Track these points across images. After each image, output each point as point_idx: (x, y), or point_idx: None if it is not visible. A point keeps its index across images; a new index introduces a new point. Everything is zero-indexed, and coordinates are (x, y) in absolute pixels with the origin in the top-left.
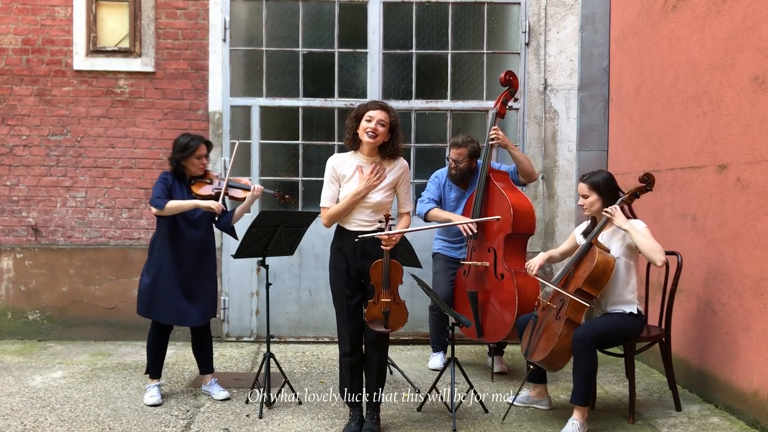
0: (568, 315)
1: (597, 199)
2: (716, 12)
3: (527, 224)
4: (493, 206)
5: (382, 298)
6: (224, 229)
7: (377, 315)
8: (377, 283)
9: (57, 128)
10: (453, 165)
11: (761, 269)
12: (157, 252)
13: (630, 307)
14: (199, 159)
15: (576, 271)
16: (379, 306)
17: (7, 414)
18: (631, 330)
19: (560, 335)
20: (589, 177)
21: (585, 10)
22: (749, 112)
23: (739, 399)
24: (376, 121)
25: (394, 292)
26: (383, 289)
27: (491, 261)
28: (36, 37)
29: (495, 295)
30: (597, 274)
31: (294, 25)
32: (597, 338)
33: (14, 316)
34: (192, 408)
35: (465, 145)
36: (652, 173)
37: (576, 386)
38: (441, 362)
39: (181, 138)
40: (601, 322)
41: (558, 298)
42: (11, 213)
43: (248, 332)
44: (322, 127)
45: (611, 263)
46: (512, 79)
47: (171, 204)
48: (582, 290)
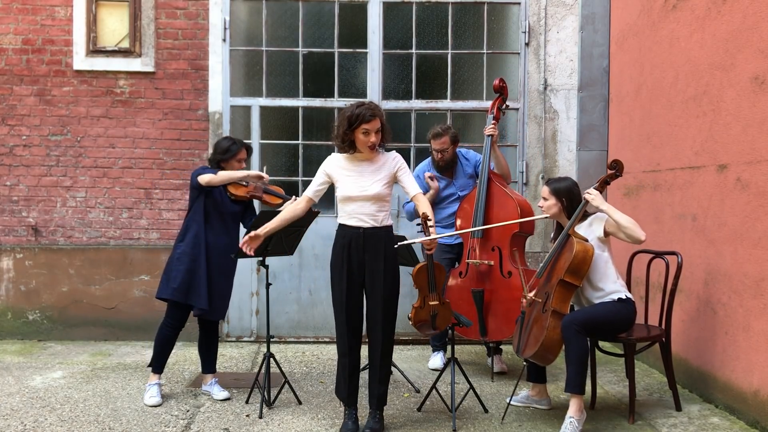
0: (554, 307)
1: (555, 203)
2: (716, 12)
3: (530, 224)
4: (498, 207)
5: (429, 301)
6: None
7: (425, 318)
8: (422, 288)
9: (57, 128)
10: (439, 156)
11: (761, 269)
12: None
13: (616, 294)
14: (239, 162)
15: (557, 263)
16: (427, 309)
17: (7, 414)
18: (621, 316)
19: (548, 327)
20: (553, 182)
21: (585, 10)
22: (749, 112)
23: (739, 399)
24: (374, 133)
25: (439, 293)
26: (430, 293)
27: (496, 259)
28: (36, 37)
29: (502, 293)
30: (577, 263)
31: (294, 25)
32: (585, 324)
33: (14, 316)
34: (192, 408)
35: (446, 132)
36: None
37: (569, 375)
38: (441, 362)
39: (223, 141)
40: (588, 308)
41: (542, 291)
42: (11, 213)
43: (248, 332)
44: (322, 127)
45: (590, 250)
46: (504, 86)
47: (223, 173)
48: (564, 281)
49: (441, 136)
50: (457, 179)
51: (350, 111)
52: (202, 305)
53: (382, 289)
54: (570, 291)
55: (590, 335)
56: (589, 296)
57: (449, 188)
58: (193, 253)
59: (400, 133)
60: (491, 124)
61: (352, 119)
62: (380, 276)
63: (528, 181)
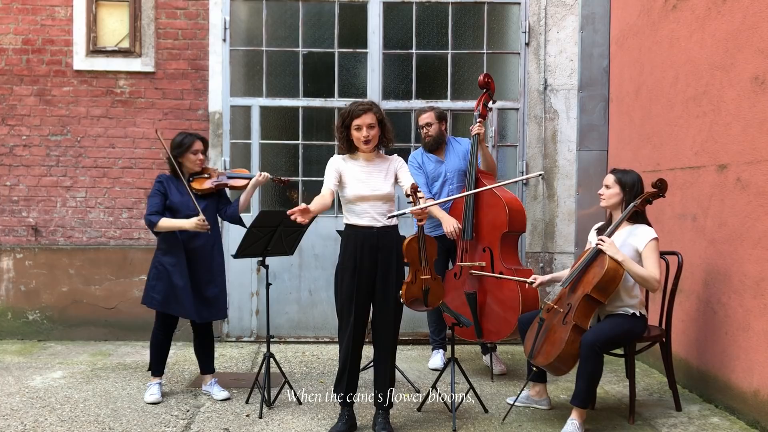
0: (575, 321)
1: (617, 193)
2: (716, 12)
3: (521, 222)
4: (486, 207)
5: (420, 275)
6: (231, 219)
7: (417, 293)
8: (413, 261)
9: (57, 128)
10: (425, 132)
11: (761, 269)
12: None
13: (633, 309)
14: (195, 154)
15: (585, 276)
16: (419, 284)
17: (7, 414)
18: (635, 332)
19: (567, 341)
20: (620, 172)
21: (585, 10)
22: (749, 112)
23: (739, 399)
24: (366, 127)
25: (431, 267)
26: (421, 266)
27: (488, 260)
28: (36, 37)
29: (496, 294)
30: (606, 281)
31: (294, 25)
32: (607, 343)
33: (14, 316)
34: (192, 408)
35: (431, 108)
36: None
37: (578, 389)
38: (441, 362)
39: (176, 137)
40: (609, 326)
41: (565, 301)
42: (11, 213)
43: (248, 332)
44: (322, 127)
45: (621, 271)
46: (490, 81)
47: (163, 223)
48: (590, 296)
49: (425, 111)
50: (448, 159)
51: (344, 109)
52: (186, 315)
53: (394, 287)
54: (594, 307)
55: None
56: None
57: (439, 167)
58: (172, 262)
59: (400, 133)
60: (477, 122)
61: (344, 116)
62: (393, 275)
63: (528, 181)
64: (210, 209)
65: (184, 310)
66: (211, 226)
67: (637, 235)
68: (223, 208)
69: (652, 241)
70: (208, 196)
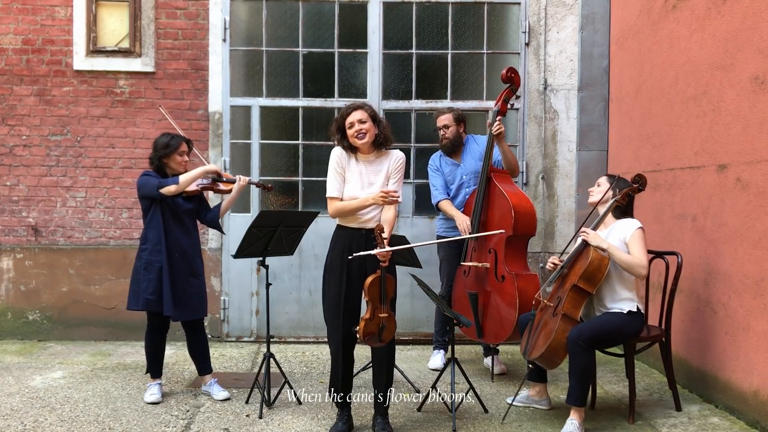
0: (564, 311)
1: (605, 190)
2: (716, 12)
3: (528, 226)
4: (494, 207)
5: (379, 313)
6: (211, 224)
7: (373, 330)
8: (374, 299)
9: (57, 128)
10: (442, 133)
11: (761, 269)
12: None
13: (629, 304)
14: (181, 156)
15: (572, 268)
16: (376, 321)
17: (7, 414)
18: (629, 329)
19: (557, 330)
20: (613, 176)
21: (585, 10)
22: (749, 112)
23: (739, 399)
24: (358, 122)
25: (389, 305)
26: (380, 304)
27: (492, 262)
28: (36, 37)
29: (496, 296)
30: (592, 271)
31: (294, 25)
32: (592, 339)
33: (14, 316)
34: (192, 408)
35: (450, 110)
36: (644, 174)
37: (571, 387)
38: (441, 362)
39: (161, 137)
40: (596, 322)
41: (555, 295)
42: (11, 213)
43: (248, 332)
44: (322, 127)
45: (605, 260)
46: (514, 76)
47: (183, 177)
48: (578, 286)
49: (444, 113)
50: (464, 162)
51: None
52: (168, 312)
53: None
54: (583, 297)
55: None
56: (603, 301)
57: (455, 170)
58: (159, 260)
59: (400, 133)
60: (497, 119)
61: (338, 120)
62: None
63: (528, 181)
64: (193, 212)
65: (167, 308)
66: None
67: (623, 227)
68: (203, 212)
69: (637, 230)
70: (191, 198)
